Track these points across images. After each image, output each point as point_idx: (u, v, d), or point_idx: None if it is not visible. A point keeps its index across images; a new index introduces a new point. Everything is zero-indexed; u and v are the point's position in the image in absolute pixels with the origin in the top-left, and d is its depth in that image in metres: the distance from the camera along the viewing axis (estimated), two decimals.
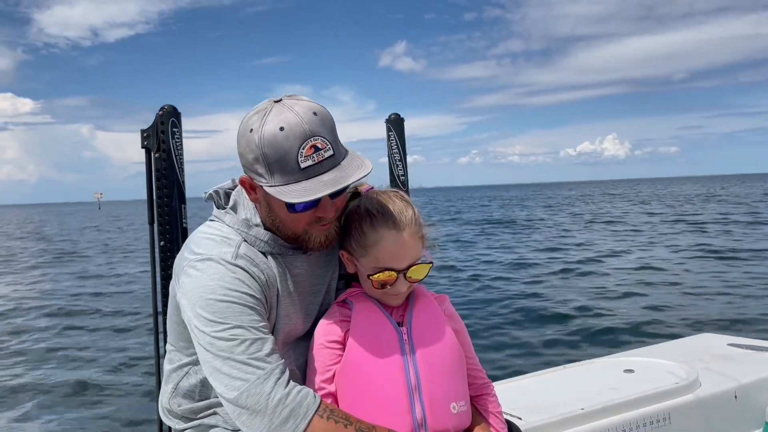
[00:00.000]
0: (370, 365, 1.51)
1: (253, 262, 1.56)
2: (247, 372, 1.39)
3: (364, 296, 1.62)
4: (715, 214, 31.38)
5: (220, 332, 1.42)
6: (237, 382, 1.39)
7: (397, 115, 3.14)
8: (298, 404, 1.38)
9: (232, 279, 1.48)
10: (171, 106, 2.45)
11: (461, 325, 1.69)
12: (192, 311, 1.47)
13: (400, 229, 1.52)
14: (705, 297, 10.42)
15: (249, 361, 1.40)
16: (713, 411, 2.58)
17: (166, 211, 2.44)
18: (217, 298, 1.45)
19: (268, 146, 1.42)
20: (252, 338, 1.42)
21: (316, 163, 1.42)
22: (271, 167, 1.43)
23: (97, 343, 9.12)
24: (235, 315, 1.44)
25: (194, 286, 1.48)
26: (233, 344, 1.41)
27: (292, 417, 1.36)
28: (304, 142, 1.41)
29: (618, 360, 3.02)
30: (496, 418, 1.68)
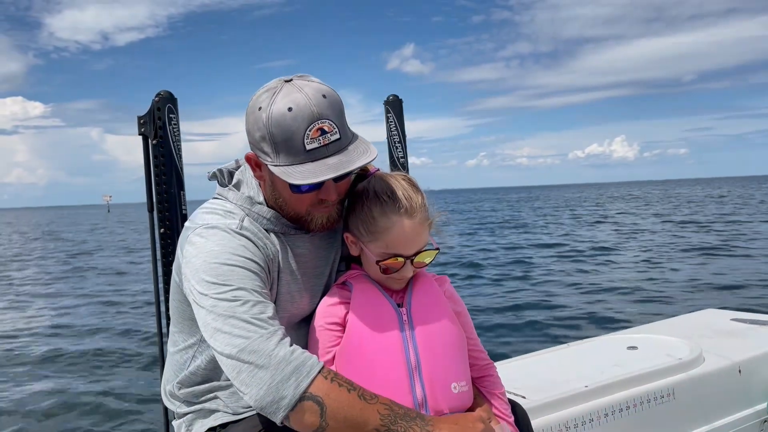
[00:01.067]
0: (370, 346, 1.51)
1: (257, 236, 1.56)
2: (249, 330, 1.36)
3: (364, 278, 1.62)
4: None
5: (224, 293, 1.40)
6: (238, 340, 1.35)
7: (396, 96, 3.12)
8: (302, 362, 1.34)
9: (237, 245, 1.48)
10: (167, 92, 2.43)
11: (462, 307, 1.68)
12: (195, 277, 1.46)
13: (411, 216, 1.52)
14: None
15: (251, 320, 1.37)
16: (717, 386, 2.58)
17: (165, 197, 2.42)
18: (221, 261, 1.45)
19: (275, 126, 1.42)
20: (255, 300, 1.41)
21: (322, 146, 1.42)
22: (277, 147, 1.43)
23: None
24: (239, 278, 1.43)
25: (198, 252, 1.48)
26: (236, 304, 1.39)
27: (295, 374, 1.33)
28: (311, 124, 1.40)
29: (621, 337, 3.03)
30: (499, 399, 1.67)
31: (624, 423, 2.33)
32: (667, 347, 2.75)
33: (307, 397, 1.32)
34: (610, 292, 10.30)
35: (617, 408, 2.33)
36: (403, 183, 1.57)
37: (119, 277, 16.32)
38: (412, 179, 1.60)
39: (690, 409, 2.50)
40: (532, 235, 18.84)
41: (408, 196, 1.53)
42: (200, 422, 1.66)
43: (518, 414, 1.73)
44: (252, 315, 1.38)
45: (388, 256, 1.52)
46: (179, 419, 1.72)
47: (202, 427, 1.65)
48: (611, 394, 2.35)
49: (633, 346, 2.82)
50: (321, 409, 1.32)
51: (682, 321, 3.38)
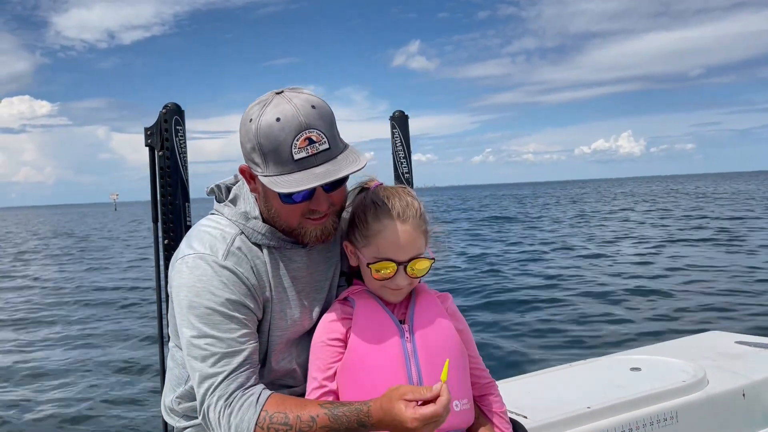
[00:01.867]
0: (372, 362, 1.50)
1: (245, 258, 1.57)
2: (210, 388, 1.47)
3: (366, 293, 1.61)
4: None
5: (196, 339, 1.49)
6: (200, 396, 1.49)
7: (402, 113, 3.13)
8: (240, 420, 1.43)
9: (218, 283, 1.51)
10: (174, 104, 2.44)
11: (464, 324, 1.68)
12: (178, 308, 1.54)
13: (403, 221, 1.52)
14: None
15: (213, 376, 1.47)
16: (721, 409, 2.55)
17: (169, 209, 2.43)
18: (200, 301, 1.50)
19: (263, 136, 1.44)
20: (222, 352, 1.48)
21: (310, 156, 1.44)
22: (266, 157, 1.45)
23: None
24: (214, 324, 1.49)
25: (182, 284, 1.53)
26: (205, 354, 1.48)
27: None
28: (299, 133, 1.42)
29: (625, 358, 3.00)
30: (501, 418, 1.66)
31: None
32: (670, 369, 2.73)
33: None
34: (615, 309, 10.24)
35: (620, 429, 2.31)
36: (401, 193, 1.59)
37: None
38: (412, 191, 1.61)
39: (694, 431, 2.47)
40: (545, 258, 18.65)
41: (404, 202, 1.55)
42: None
43: None
44: (213, 370, 1.47)
45: (379, 260, 1.52)
46: None
47: None
48: (614, 416, 2.32)
49: (636, 368, 2.79)
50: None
51: (686, 343, 3.36)
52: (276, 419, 1.42)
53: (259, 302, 1.57)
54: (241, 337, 1.50)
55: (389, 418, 1.35)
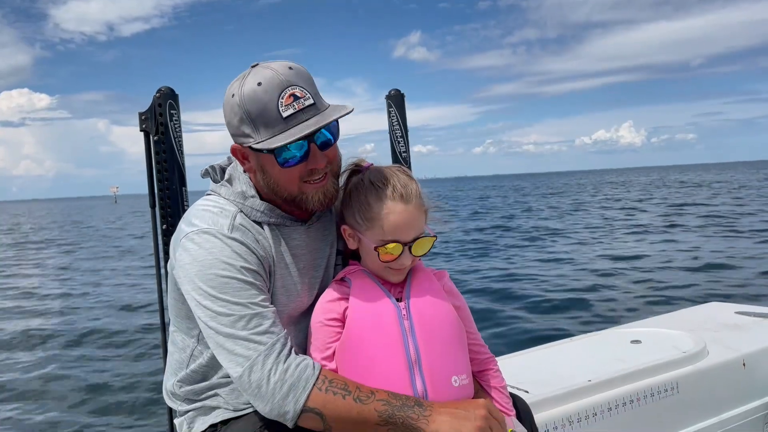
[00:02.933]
0: (370, 341, 1.51)
1: (249, 232, 1.57)
2: (249, 348, 1.43)
3: (363, 273, 1.62)
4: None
5: (221, 308, 1.46)
6: (239, 359, 1.43)
7: (397, 91, 3.11)
8: (297, 378, 1.41)
9: (230, 252, 1.50)
10: (168, 88, 2.42)
11: (462, 301, 1.68)
12: (191, 284, 1.50)
13: (407, 202, 1.53)
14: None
15: (250, 336, 1.44)
16: (721, 380, 2.57)
17: (167, 194, 2.42)
18: (215, 272, 1.48)
19: (248, 102, 1.46)
20: (251, 314, 1.45)
21: (298, 111, 1.46)
22: (255, 123, 1.47)
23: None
24: (234, 291, 1.47)
25: (192, 259, 1.51)
26: (233, 319, 1.45)
27: (292, 391, 1.41)
28: (282, 91, 1.46)
29: (625, 331, 3.02)
30: (500, 393, 1.67)
31: (628, 417, 2.33)
32: (671, 341, 2.74)
33: (307, 410, 1.41)
34: (618, 283, 10.28)
35: (621, 402, 2.33)
36: (398, 172, 1.59)
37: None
38: (406, 170, 1.62)
39: (694, 402, 2.49)
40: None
41: (403, 183, 1.55)
42: (201, 419, 1.66)
43: (520, 408, 1.73)
44: (249, 330, 1.44)
45: (386, 243, 1.53)
46: (180, 417, 1.73)
47: (203, 425, 1.65)
48: (615, 388, 2.34)
49: (637, 340, 2.81)
50: (321, 418, 1.41)
51: (686, 314, 3.37)
52: (335, 384, 1.42)
53: (267, 274, 1.57)
54: (263, 300, 1.49)
55: (453, 408, 1.42)
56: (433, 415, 1.39)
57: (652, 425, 2.39)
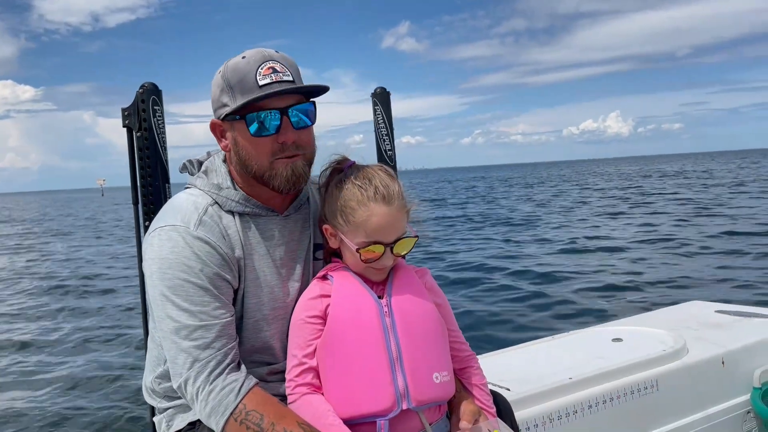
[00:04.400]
0: (352, 338, 1.51)
1: (217, 227, 1.58)
2: (186, 362, 1.47)
3: (345, 270, 1.62)
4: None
5: (171, 310, 1.48)
6: (177, 369, 1.48)
7: (383, 89, 3.11)
8: (218, 403, 1.45)
9: (190, 254, 1.51)
10: (151, 84, 2.41)
11: (443, 299, 1.69)
12: (150, 280, 1.53)
13: (389, 203, 1.53)
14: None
15: (190, 350, 1.47)
16: (701, 377, 2.60)
17: (150, 190, 2.41)
18: (173, 273, 1.49)
19: (230, 72, 1.54)
20: (196, 325, 1.47)
21: (274, 82, 1.51)
22: (233, 90, 1.53)
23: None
24: (188, 295, 1.48)
25: (155, 256, 1.53)
26: (178, 327, 1.48)
27: (213, 415, 1.45)
28: (262, 63, 1.52)
29: (606, 329, 3.04)
30: (481, 390, 1.68)
31: (608, 414, 2.35)
32: (651, 339, 2.77)
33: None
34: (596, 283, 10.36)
35: (601, 399, 2.34)
36: (380, 173, 1.59)
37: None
38: (388, 169, 1.62)
39: (674, 400, 2.52)
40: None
41: (385, 184, 1.55)
42: (180, 417, 1.66)
43: (501, 405, 1.74)
44: (191, 343, 1.47)
45: (368, 244, 1.53)
46: (160, 414, 1.72)
47: (182, 422, 1.65)
48: (596, 386, 2.36)
49: (618, 338, 2.83)
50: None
51: (667, 313, 3.41)
52: (251, 417, 1.42)
53: (234, 271, 1.58)
54: (215, 309, 1.50)
55: None
56: None
57: (632, 422, 2.41)
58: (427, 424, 1.53)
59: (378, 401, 1.47)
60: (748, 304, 4.28)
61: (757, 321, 3.06)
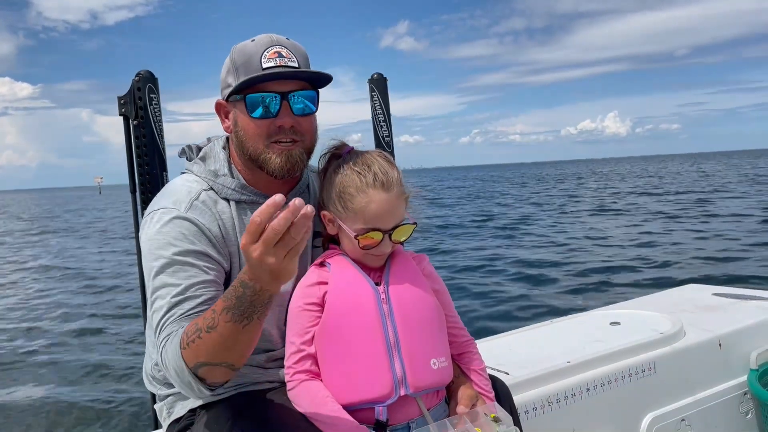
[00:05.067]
0: (349, 325, 1.52)
1: (209, 211, 1.59)
2: (160, 332, 1.45)
3: (342, 258, 1.62)
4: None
5: (155, 289, 1.49)
6: (158, 339, 1.46)
7: (380, 75, 3.10)
8: (173, 351, 1.39)
9: (177, 233, 1.52)
10: (147, 71, 2.40)
11: (441, 285, 1.69)
12: (143, 260, 1.56)
13: (388, 190, 1.53)
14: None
15: (156, 325, 1.47)
16: (698, 359, 2.61)
17: (147, 179, 2.41)
18: (160, 253, 1.51)
19: (237, 53, 1.57)
20: (177, 300, 1.46)
21: (278, 66, 1.52)
22: (238, 70, 1.55)
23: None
24: (173, 272, 1.49)
25: (146, 237, 1.56)
26: (162, 303, 1.47)
27: (178, 375, 1.39)
28: (269, 47, 1.54)
29: (604, 313, 3.05)
30: (479, 375, 1.69)
31: (606, 397, 2.36)
32: (649, 322, 2.78)
33: (196, 369, 1.35)
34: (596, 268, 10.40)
35: (599, 382, 2.36)
36: (379, 159, 1.58)
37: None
38: (387, 155, 1.62)
39: (671, 382, 2.53)
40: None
41: (384, 170, 1.55)
42: (180, 404, 1.67)
43: (499, 389, 1.75)
44: (158, 321, 1.46)
45: (367, 231, 1.53)
46: (161, 402, 1.73)
47: (182, 409, 1.66)
48: (593, 369, 2.37)
49: (615, 322, 2.84)
50: (212, 365, 1.34)
51: (664, 296, 3.42)
52: (189, 331, 1.37)
53: (224, 254, 1.58)
54: (199, 283, 1.49)
55: (258, 272, 1.22)
56: (254, 280, 1.23)
57: (630, 405, 2.43)
58: (425, 409, 1.54)
59: (376, 388, 1.48)
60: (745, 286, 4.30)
61: (754, 303, 3.07)
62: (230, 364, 1.35)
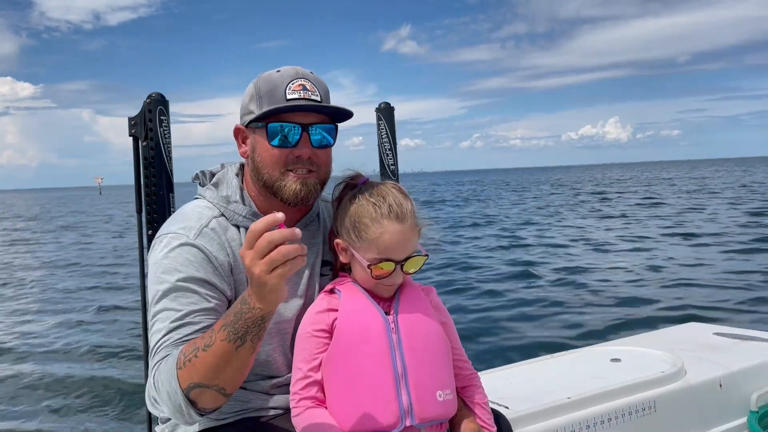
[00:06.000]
0: (358, 353, 1.52)
1: (218, 238, 1.60)
2: (155, 355, 1.46)
3: (353, 285, 1.63)
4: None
5: (156, 313, 1.50)
6: (151, 362, 1.47)
7: (387, 104, 3.13)
8: (167, 371, 1.39)
9: (183, 260, 1.54)
10: (158, 94, 2.43)
11: (447, 317, 1.70)
12: (149, 284, 1.56)
13: (403, 221, 1.55)
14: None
15: (153, 351, 1.47)
16: (699, 399, 2.60)
17: (154, 200, 2.42)
18: (165, 278, 1.52)
19: (263, 82, 1.60)
20: (176, 325, 1.47)
21: (302, 99, 1.55)
22: (261, 99, 1.59)
23: None
24: (174, 298, 1.50)
25: (153, 260, 1.57)
26: (161, 327, 1.47)
27: (170, 398, 1.38)
28: (294, 79, 1.58)
29: (605, 349, 3.04)
30: (482, 409, 1.69)
31: None
32: (649, 360, 2.77)
33: (188, 391, 1.35)
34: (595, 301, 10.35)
35: (599, 420, 2.35)
36: (393, 190, 1.61)
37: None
38: (402, 187, 1.64)
39: (671, 422, 2.52)
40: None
41: (398, 202, 1.57)
42: (183, 428, 1.65)
43: (501, 424, 1.75)
44: (155, 344, 1.47)
45: (379, 261, 1.54)
46: (162, 425, 1.72)
47: None
48: (593, 406, 2.36)
49: (616, 359, 2.84)
50: (203, 387, 1.35)
51: (665, 334, 3.41)
52: (186, 351, 1.37)
53: (229, 283, 1.59)
54: (199, 311, 1.50)
55: (250, 281, 1.27)
56: (251, 296, 1.28)
57: None
58: None
59: (382, 417, 1.48)
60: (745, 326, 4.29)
61: (755, 344, 3.07)
62: (221, 388, 1.36)
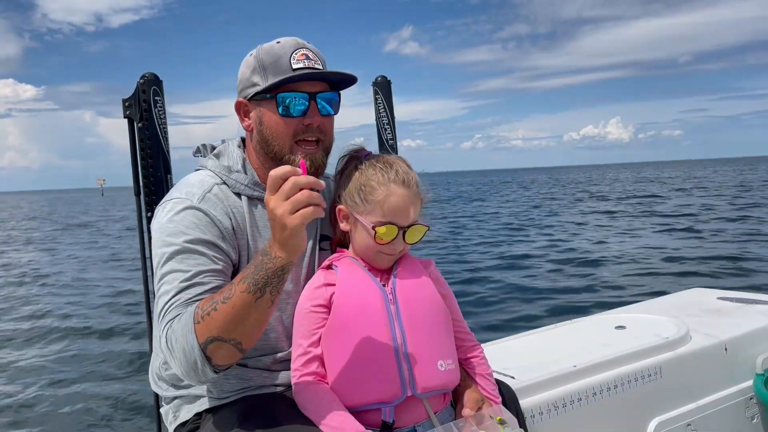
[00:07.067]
0: (357, 326, 1.52)
1: (221, 203, 1.60)
2: (164, 314, 1.44)
3: (350, 260, 1.63)
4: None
5: (163, 275, 1.49)
6: (161, 322, 1.44)
7: (384, 77, 3.10)
8: (183, 326, 1.38)
9: (189, 223, 1.53)
10: (152, 74, 2.40)
11: (447, 289, 1.70)
12: (153, 248, 1.56)
13: (408, 187, 1.57)
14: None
15: (160, 312, 1.45)
16: (704, 364, 2.60)
17: (151, 181, 2.40)
18: (170, 240, 1.51)
19: (264, 54, 1.60)
20: (185, 285, 1.45)
21: (307, 68, 1.56)
22: (266, 71, 1.58)
23: None
24: (182, 259, 1.49)
25: (157, 225, 1.57)
26: (168, 288, 1.46)
27: (186, 352, 1.37)
28: (297, 49, 1.59)
29: (609, 317, 3.04)
30: (486, 379, 1.69)
31: (612, 401, 2.35)
32: (654, 326, 2.77)
33: (205, 345, 1.35)
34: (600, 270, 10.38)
35: (605, 387, 2.35)
36: (399, 161, 1.63)
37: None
38: (407, 160, 1.65)
39: (677, 387, 2.52)
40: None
41: (405, 170, 1.59)
42: (186, 408, 1.66)
43: (506, 394, 1.75)
44: (163, 305, 1.44)
45: (384, 224, 1.54)
46: (167, 405, 1.72)
47: (188, 413, 1.65)
48: (599, 374, 2.36)
49: (621, 326, 2.83)
50: (221, 341, 1.35)
51: (670, 300, 3.40)
52: (204, 305, 1.37)
53: (234, 246, 1.59)
54: (207, 272, 1.49)
55: (272, 226, 1.30)
56: (272, 246, 1.32)
57: (636, 409, 2.42)
58: (432, 412, 1.54)
59: (383, 388, 1.48)
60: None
61: (759, 308, 3.06)
62: (238, 342, 1.36)
